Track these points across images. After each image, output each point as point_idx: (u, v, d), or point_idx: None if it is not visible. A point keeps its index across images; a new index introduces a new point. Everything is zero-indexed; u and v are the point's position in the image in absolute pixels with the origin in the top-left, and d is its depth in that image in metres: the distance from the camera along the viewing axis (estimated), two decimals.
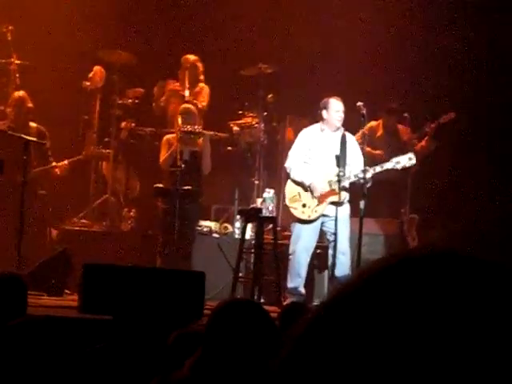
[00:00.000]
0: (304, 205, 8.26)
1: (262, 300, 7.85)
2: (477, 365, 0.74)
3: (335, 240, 8.03)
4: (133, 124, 10.03)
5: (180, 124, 8.96)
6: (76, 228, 9.74)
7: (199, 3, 10.91)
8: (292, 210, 8.33)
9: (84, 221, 9.91)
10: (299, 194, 8.30)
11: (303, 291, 8.23)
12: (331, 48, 10.30)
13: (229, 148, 10.01)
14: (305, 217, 8.24)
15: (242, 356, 2.67)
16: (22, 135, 8.47)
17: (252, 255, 8.63)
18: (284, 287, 8.23)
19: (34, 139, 8.69)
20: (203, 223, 9.47)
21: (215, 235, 9.44)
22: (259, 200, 8.61)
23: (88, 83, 10.02)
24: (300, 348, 0.78)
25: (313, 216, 8.23)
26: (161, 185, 9.11)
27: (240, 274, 8.46)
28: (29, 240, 8.27)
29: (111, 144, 9.99)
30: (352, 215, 8.42)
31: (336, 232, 8.03)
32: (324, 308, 0.80)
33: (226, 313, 2.78)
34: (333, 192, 8.20)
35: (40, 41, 10.09)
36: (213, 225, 9.56)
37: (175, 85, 10.02)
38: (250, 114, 10.02)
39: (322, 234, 8.39)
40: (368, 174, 8.09)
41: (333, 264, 8.02)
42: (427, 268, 0.78)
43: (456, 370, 0.74)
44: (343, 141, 8.26)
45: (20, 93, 9.37)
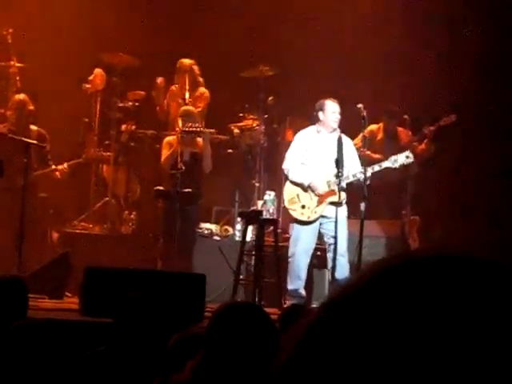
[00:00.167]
0: (303, 206, 8.25)
1: (263, 302, 7.84)
2: (484, 368, 0.73)
3: (335, 243, 8.02)
4: (133, 127, 10.02)
5: (180, 126, 8.96)
6: (77, 231, 9.73)
7: (200, 6, 10.91)
8: (291, 212, 8.32)
9: (84, 224, 9.90)
10: (298, 196, 8.29)
11: (304, 293, 8.23)
12: (332, 50, 10.29)
13: (229, 150, 10.01)
14: (304, 218, 8.23)
15: (243, 359, 2.67)
16: (23, 138, 8.46)
17: (253, 257, 8.62)
18: (284, 289, 8.22)
19: (35, 142, 8.69)
20: (204, 225, 9.46)
21: (216, 237, 9.43)
22: (260, 202, 8.60)
23: (88, 86, 10.01)
24: (301, 352, 0.78)
25: (312, 217, 8.22)
26: (161, 187, 9.11)
27: (241, 277, 8.46)
28: (29, 243, 8.27)
29: (112, 147, 9.98)
30: (352, 217, 8.40)
31: (336, 235, 8.02)
32: (325, 310, 0.79)
33: (227, 316, 2.77)
34: (332, 192, 8.19)
35: (40, 44, 10.08)
36: (213, 227, 9.55)
37: (175, 88, 10.00)
38: (251, 116, 10.02)
39: (320, 236, 8.37)
40: (367, 174, 8.09)
41: (333, 267, 8.01)
42: (431, 270, 0.78)
43: (462, 375, 0.73)
44: (340, 142, 8.26)
45: (21, 96, 9.36)
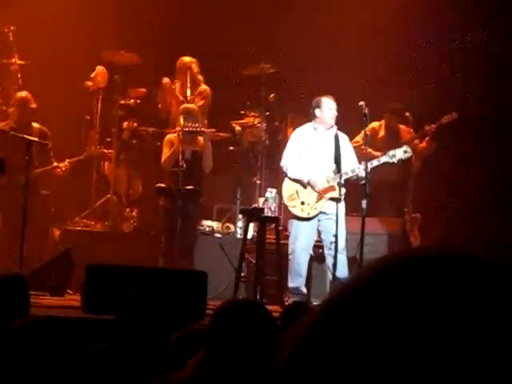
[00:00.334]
0: (303, 202, 8.24)
1: (265, 300, 7.84)
2: (491, 370, 0.72)
3: (336, 242, 8.00)
4: (135, 124, 10.03)
5: (182, 124, 8.96)
6: (78, 228, 9.74)
7: (201, 3, 10.90)
8: (290, 209, 8.30)
9: (86, 221, 9.91)
10: (297, 192, 8.28)
11: (305, 291, 8.22)
12: (333, 47, 10.28)
13: (231, 148, 10.01)
14: (304, 214, 8.23)
15: (245, 356, 2.67)
16: (24, 136, 8.46)
17: (254, 255, 8.61)
18: (285, 287, 8.21)
19: (36, 139, 8.68)
20: (205, 223, 9.46)
21: (217, 235, 9.43)
22: (261, 200, 8.59)
23: (90, 83, 10.01)
24: (303, 349, 0.77)
25: (312, 213, 8.21)
26: (163, 184, 9.11)
27: (242, 274, 8.45)
28: (31, 240, 8.27)
29: (113, 144, 9.99)
30: (354, 214, 8.39)
31: (337, 234, 8.00)
32: (326, 309, 0.79)
33: (229, 313, 2.78)
34: (331, 188, 8.19)
35: (42, 41, 10.08)
36: (215, 224, 9.55)
37: (176, 86, 10.00)
38: (252, 114, 10.02)
39: (318, 233, 8.34)
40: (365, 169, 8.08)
41: (334, 264, 8.00)
42: (434, 269, 0.77)
43: (466, 376, 0.72)
44: (337, 139, 8.26)
45: (23, 93, 9.36)
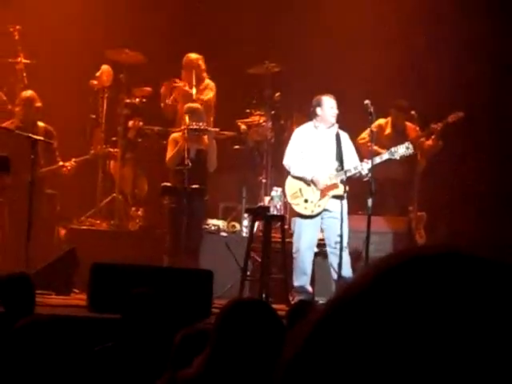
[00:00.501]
0: (306, 200, 8.23)
1: (270, 299, 7.83)
2: (497, 369, 0.72)
3: (341, 241, 8.00)
4: (140, 123, 10.03)
5: (187, 122, 8.96)
6: (84, 227, 9.75)
7: (206, 2, 10.91)
8: (294, 207, 8.30)
9: (92, 220, 9.91)
10: (300, 190, 8.27)
11: (310, 289, 8.22)
12: (338, 46, 10.28)
13: (236, 146, 10.01)
14: (308, 212, 8.22)
15: (251, 355, 2.67)
16: (30, 135, 8.47)
17: (260, 253, 8.61)
18: (290, 286, 8.21)
19: (42, 138, 8.69)
20: (211, 222, 9.47)
21: (223, 234, 9.43)
22: (267, 198, 8.59)
23: (95, 82, 10.02)
24: (308, 348, 0.77)
25: (316, 211, 8.20)
26: (168, 183, 9.12)
27: (247, 273, 8.45)
28: (37, 239, 8.28)
29: (119, 143, 10.00)
30: (360, 212, 8.39)
31: (342, 233, 7.99)
32: (332, 308, 0.78)
33: (235, 312, 2.78)
34: (335, 185, 8.19)
35: (47, 40, 10.10)
36: (220, 223, 9.55)
37: (181, 84, 9.99)
38: (258, 113, 10.02)
39: (321, 231, 8.34)
40: (368, 166, 8.08)
41: (339, 263, 7.99)
42: (440, 267, 0.77)
43: (472, 377, 0.72)
44: (338, 137, 8.27)
45: (28, 92, 9.37)
